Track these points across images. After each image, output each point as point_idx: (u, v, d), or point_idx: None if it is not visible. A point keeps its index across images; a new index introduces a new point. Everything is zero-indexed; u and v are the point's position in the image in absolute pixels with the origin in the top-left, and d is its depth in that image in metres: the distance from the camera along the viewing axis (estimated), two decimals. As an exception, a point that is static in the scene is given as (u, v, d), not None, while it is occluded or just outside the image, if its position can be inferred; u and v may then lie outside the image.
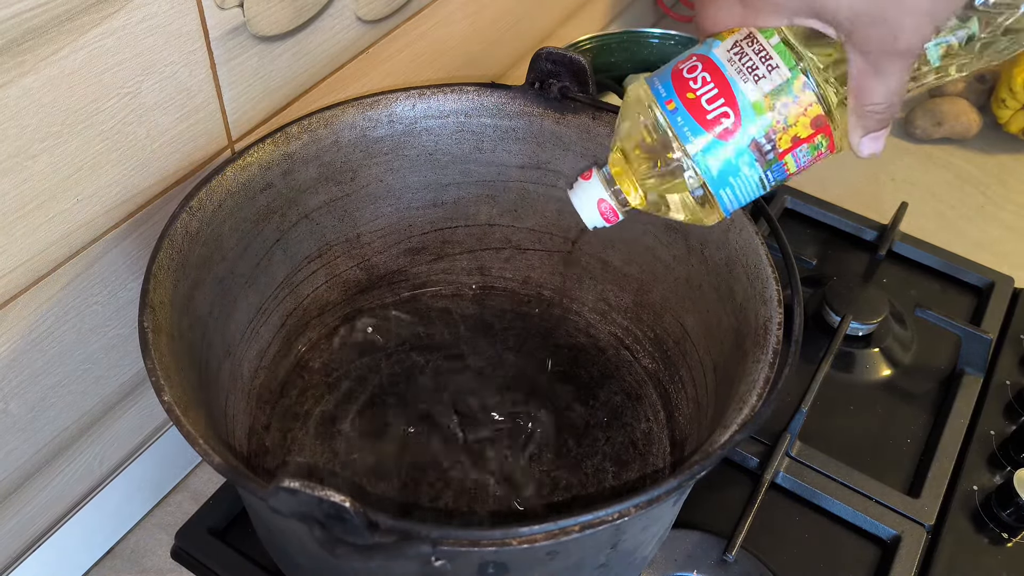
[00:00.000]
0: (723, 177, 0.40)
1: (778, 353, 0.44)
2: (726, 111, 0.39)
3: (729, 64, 0.39)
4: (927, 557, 0.57)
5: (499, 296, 0.66)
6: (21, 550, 0.52)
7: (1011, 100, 0.88)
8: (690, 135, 0.40)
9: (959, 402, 0.65)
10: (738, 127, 0.39)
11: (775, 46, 0.38)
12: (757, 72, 0.38)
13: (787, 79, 0.38)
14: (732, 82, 0.39)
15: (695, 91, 0.39)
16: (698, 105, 0.39)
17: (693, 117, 0.39)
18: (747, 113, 0.39)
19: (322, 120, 0.54)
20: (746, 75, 0.39)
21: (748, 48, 0.39)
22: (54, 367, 0.48)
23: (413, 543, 0.34)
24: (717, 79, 0.39)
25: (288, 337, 0.59)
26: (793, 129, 0.39)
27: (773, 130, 0.39)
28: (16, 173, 0.41)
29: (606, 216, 0.45)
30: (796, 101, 0.39)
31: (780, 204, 0.81)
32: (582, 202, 0.45)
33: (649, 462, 0.57)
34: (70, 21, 0.40)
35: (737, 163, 0.40)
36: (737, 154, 0.40)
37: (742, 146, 0.39)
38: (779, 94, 0.39)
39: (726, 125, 0.39)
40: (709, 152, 0.40)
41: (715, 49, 0.40)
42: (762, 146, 0.40)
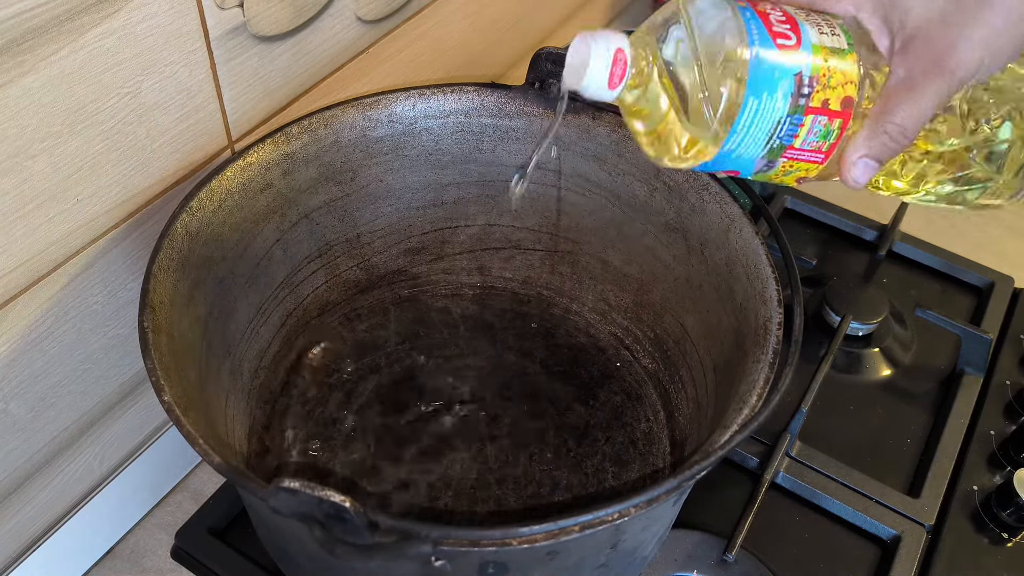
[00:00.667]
0: (759, 87, 0.39)
1: (778, 353, 0.44)
2: (790, 34, 0.39)
3: (798, 12, 0.40)
4: (927, 557, 0.57)
5: (499, 296, 0.66)
6: (21, 550, 0.52)
7: (1011, 100, 0.88)
8: (755, 30, 0.39)
9: (959, 402, 0.65)
10: (795, 50, 0.39)
11: (840, 25, 0.40)
12: (822, 28, 0.40)
13: (844, 47, 0.39)
14: (800, 23, 0.40)
15: (767, 15, 0.40)
16: (767, 19, 0.39)
17: (762, 21, 0.39)
18: (806, 46, 0.39)
19: (322, 120, 0.54)
20: (812, 25, 0.40)
21: (817, 15, 0.40)
22: (54, 367, 0.48)
23: (413, 543, 0.34)
24: (787, 17, 0.40)
25: (288, 337, 0.59)
26: (830, 92, 0.39)
27: (816, 77, 0.39)
28: (16, 173, 0.41)
29: (613, 75, 0.41)
30: (843, 69, 0.39)
31: (780, 204, 0.81)
32: (596, 49, 0.40)
33: (649, 462, 0.57)
34: (70, 21, 0.40)
35: (776, 83, 0.39)
36: (782, 72, 0.39)
37: (789, 70, 0.39)
38: (834, 54, 0.39)
39: (787, 44, 0.39)
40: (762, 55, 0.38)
41: (782, 3, 0.41)
42: (802, 85, 0.39)
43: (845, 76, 0.39)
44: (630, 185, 0.57)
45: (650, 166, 0.55)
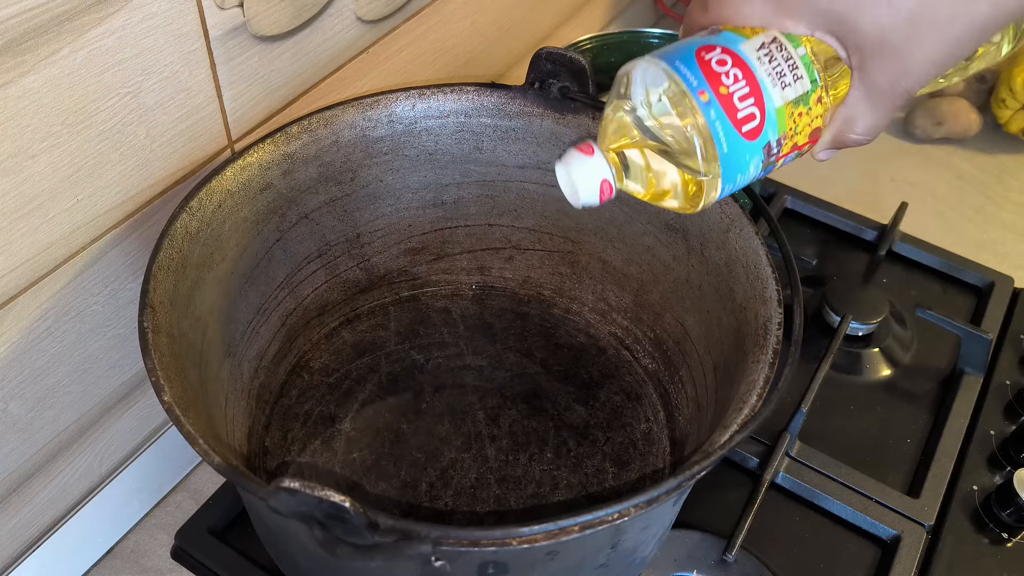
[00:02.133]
0: (733, 172, 0.40)
1: (778, 353, 0.44)
2: (754, 112, 0.39)
3: (759, 65, 0.39)
4: (927, 557, 0.57)
5: (499, 296, 0.66)
6: (21, 550, 0.52)
7: (1011, 100, 0.88)
8: (720, 130, 0.39)
9: (959, 402, 0.65)
10: (761, 129, 0.39)
11: (802, 57, 0.39)
12: (785, 79, 0.39)
13: (808, 91, 0.39)
14: (762, 84, 0.39)
15: (728, 87, 0.39)
16: (731, 102, 0.39)
17: (725, 113, 0.39)
18: (771, 117, 0.39)
19: (322, 120, 0.54)
20: (775, 79, 0.39)
21: (777, 53, 0.39)
22: (54, 367, 0.48)
23: (413, 543, 0.34)
24: (748, 78, 0.39)
25: (288, 337, 0.59)
26: (798, 137, 0.40)
27: (785, 135, 0.40)
28: (16, 173, 0.41)
29: (603, 195, 0.43)
30: (809, 112, 0.39)
31: (780, 204, 0.81)
32: (581, 178, 0.42)
33: (649, 462, 0.57)
34: (70, 21, 0.40)
35: (748, 162, 0.40)
36: (752, 154, 0.40)
37: (758, 148, 0.40)
38: (799, 103, 0.39)
39: (752, 125, 0.39)
40: (731, 149, 0.40)
41: (742, 46, 0.39)
42: (771, 149, 0.40)
43: (811, 117, 0.40)
44: (630, 185, 0.57)
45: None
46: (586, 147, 0.43)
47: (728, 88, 0.39)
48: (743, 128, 0.39)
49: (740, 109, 0.39)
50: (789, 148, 0.40)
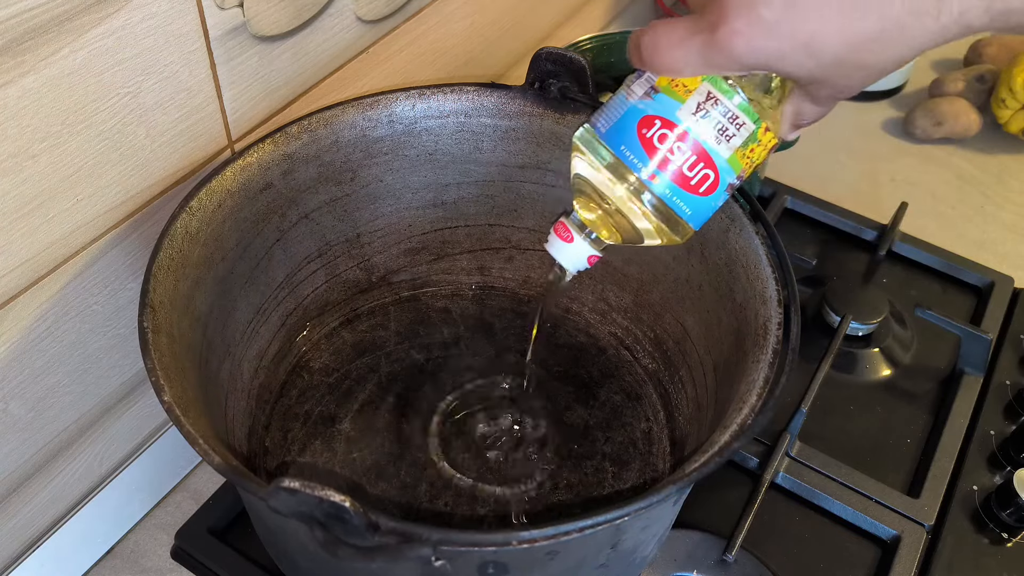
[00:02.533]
0: (703, 216, 0.43)
1: (778, 353, 0.44)
2: (707, 175, 0.41)
3: (700, 127, 0.40)
4: (927, 557, 0.57)
5: (499, 296, 0.66)
6: (21, 550, 0.52)
7: (1011, 100, 0.88)
8: (679, 201, 0.42)
9: (959, 402, 0.65)
10: (719, 182, 0.41)
11: (739, 105, 0.40)
12: (728, 132, 0.40)
13: (753, 131, 0.40)
14: (707, 147, 0.40)
15: (674, 161, 0.41)
16: (681, 174, 0.41)
17: (679, 186, 0.41)
18: (724, 168, 0.41)
19: (322, 120, 0.54)
20: (719, 137, 0.40)
21: (714, 110, 0.40)
22: (54, 367, 0.48)
23: (414, 545, 0.34)
24: (692, 145, 0.40)
25: (288, 337, 0.59)
26: (757, 161, 0.42)
27: (744, 170, 0.42)
28: (16, 173, 0.41)
29: (592, 262, 0.46)
30: (760, 143, 0.41)
31: (780, 204, 0.81)
32: (570, 259, 0.46)
33: (649, 462, 0.57)
34: (70, 21, 0.40)
35: (715, 204, 0.43)
36: (716, 199, 0.42)
37: (721, 193, 0.42)
38: (748, 144, 0.41)
39: (709, 183, 0.41)
40: (695, 209, 0.42)
41: (679, 112, 0.40)
42: (734, 184, 0.42)
43: (764, 145, 0.41)
44: (630, 185, 0.57)
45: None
46: (564, 231, 0.45)
47: (675, 163, 0.41)
48: (700, 189, 0.41)
49: (692, 177, 0.41)
50: (750, 171, 0.42)
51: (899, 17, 0.32)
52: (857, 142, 0.92)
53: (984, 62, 0.96)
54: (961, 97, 0.92)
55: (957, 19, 0.31)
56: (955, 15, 0.31)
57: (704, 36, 0.36)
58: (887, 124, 0.94)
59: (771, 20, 0.34)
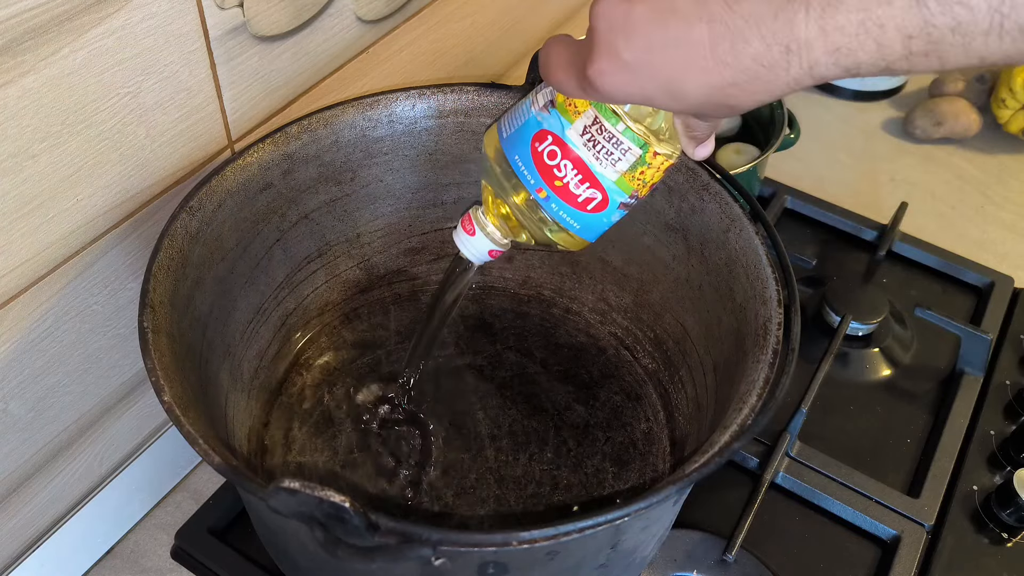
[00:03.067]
0: (597, 230, 0.44)
1: (778, 353, 0.44)
2: (594, 194, 0.42)
3: (586, 150, 0.41)
4: (927, 557, 0.57)
5: (499, 296, 0.66)
6: (21, 550, 0.52)
7: (1011, 100, 0.88)
8: (565, 216, 0.43)
9: (959, 402, 0.65)
10: (607, 201, 0.42)
11: (623, 132, 0.40)
12: (613, 156, 0.41)
13: (640, 156, 0.41)
14: (593, 169, 0.41)
15: (561, 178, 0.42)
16: (567, 191, 0.42)
17: (565, 202, 0.42)
18: (612, 190, 0.42)
19: (322, 120, 0.54)
20: (604, 160, 0.41)
21: (599, 135, 0.41)
22: (54, 367, 0.48)
23: (414, 546, 0.34)
24: (579, 165, 0.41)
25: (288, 337, 0.59)
26: (652, 180, 0.43)
27: (636, 191, 0.43)
28: (16, 173, 0.41)
29: (493, 254, 0.48)
30: (651, 166, 0.42)
31: (780, 204, 0.81)
32: (471, 251, 0.48)
33: (649, 462, 0.57)
34: (70, 21, 0.40)
35: (609, 220, 0.44)
36: (608, 215, 0.43)
37: (611, 211, 0.43)
38: (636, 167, 0.41)
39: (596, 203, 0.42)
40: (583, 222, 0.43)
41: (568, 132, 0.41)
42: (628, 203, 0.43)
43: (655, 167, 0.42)
44: (630, 185, 0.57)
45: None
46: (468, 223, 0.47)
47: (563, 180, 0.42)
48: (588, 207, 0.43)
49: (579, 194, 0.42)
50: (648, 189, 0.43)
51: (752, 69, 0.33)
52: (857, 142, 0.92)
53: (984, 62, 0.95)
54: (961, 97, 0.92)
55: (808, 71, 0.32)
56: (805, 68, 0.32)
57: (577, 68, 0.37)
58: (887, 124, 0.94)
59: (632, 62, 0.35)
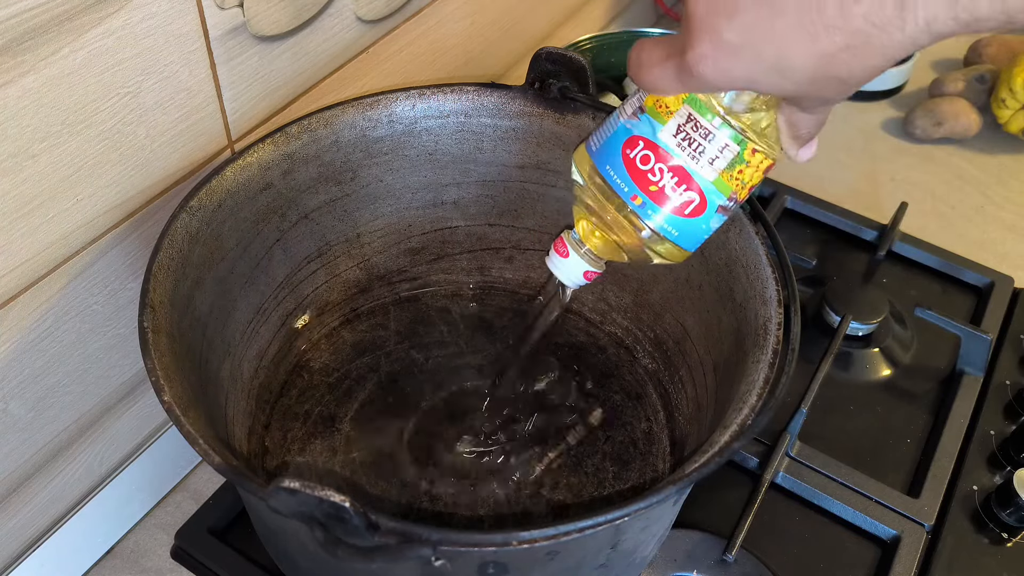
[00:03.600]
0: (695, 237, 0.43)
1: (778, 353, 0.44)
2: (691, 196, 0.41)
3: (680, 151, 0.40)
4: (927, 557, 0.57)
5: (499, 295, 0.66)
6: (21, 550, 0.52)
7: (1011, 100, 0.88)
8: (663, 222, 0.42)
9: (959, 402, 0.65)
10: (705, 204, 0.41)
11: (719, 127, 0.39)
12: (709, 154, 0.40)
13: (738, 152, 0.40)
14: (689, 170, 0.40)
15: (656, 183, 0.41)
16: (663, 195, 0.41)
17: (660, 207, 0.41)
18: (710, 191, 0.41)
19: (322, 120, 0.54)
20: (700, 159, 0.40)
21: (694, 133, 0.40)
22: (54, 367, 0.48)
23: (414, 546, 0.34)
24: (674, 168, 0.40)
25: (288, 337, 0.59)
26: (751, 182, 0.41)
27: (734, 192, 0.41)
28: (16, 173, 0.41)
29: (588, 277, 0.47)
30: (750, 165, 0.41)
31: (780, 204, 0.81)
32: (567, 274, 0.47)
33: (649, 462, 0.57)
34: (70, 21, 0.40)
35: (708, 225, 0.42)
36: (706, 220, 0.42)
37: (710, 214, 0.42)
38: (734, 165, 0.40)
39: (694, 206, 0.41)
40: (680, 227, 0.42)
41: (660, 134, 0.40)
42: (727, 206, 0.42)
43: (754, 166, 0.41)
44: (630, 185, 0.57)
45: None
46: (562, 246, 0.46)
47: (658, 184, 0.41)
48: (685, 212, 0.41)
49: (676, 198, 0.41)
50: (747, 192, 0.42)
51: (863, 31, 0.31)
52: (857, 142, 0.92)
53: (984, 62, 0.96)
54: (961, 97, 0.92)
55: (924, 29, 0.31)
56: (921, 25, 0.31)
57: (676, 60, 0.36)
58: (887, 124, 0.94)
59: (735, 43, 0.34)
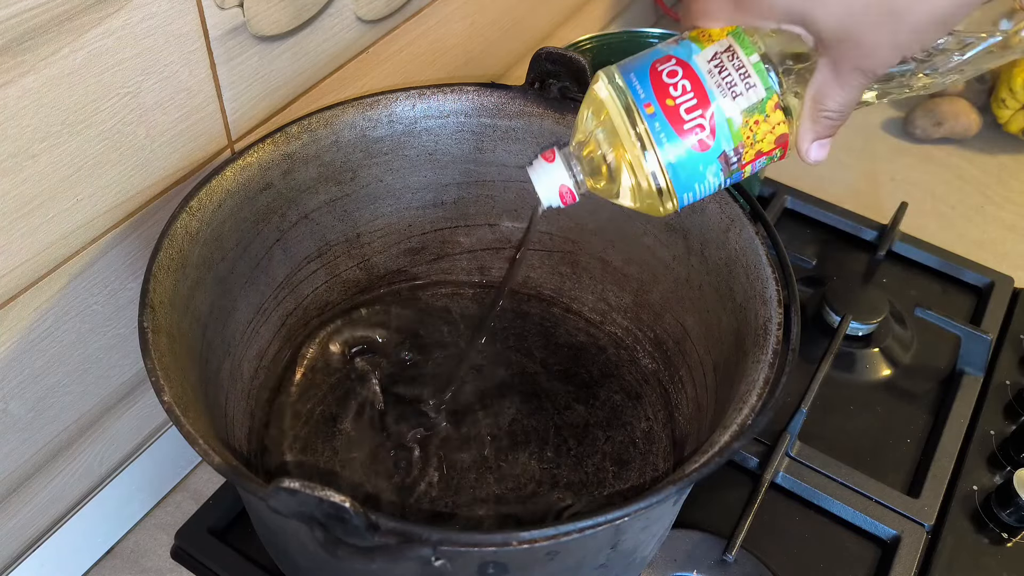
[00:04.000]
0: (688, 182, 0.41)
1: (778, 353, 0.44)
2: (702, 124, 0.40)
3: (709, 76, 0.39)
4: (927, 557, 0.57)
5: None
6: (21, 550, 0.52)
7: (1011, 100, 0.88)
8: (665, 141, 0.40)
9: (959, 402, 0.65)
10: (711, 141, 0.40)
11: (754, 64, 0.39)
12: (736, 89, 0.39)
13: (762, 99, 0.39)
14: (711, 95, 0.39)
15: (675, 98, 0.40)
16: (676, 113, 0.40)
17: (671, 124, 0.40)
18: (722, 128, 0.40)
19: (322, 120, 0.54)
20: (725, 90, 0.39)
21: (728, 63, 0.39)
22: (54, 367, 0.48)
23: (414, 546, 0.34)
24: (697, 89, 0.39)
25: (288, 337, 0.59)
26: (759, 144, 0.40)
27: (742, 145, 0.40)
28: (16, 173, 0.41)
29: (564, 198, 0.45)
30: (767, 120, 0.40)
31: (780, 204, 0.81)
32: (542, 182, 0.45)
33: (649, 462, 0.57)
34: (70, 21, 0.40)
35: (704, 172, 0.41)
36: (705, 164, 0.41)
37: (712, 158, 0.41)
38: (753, 112, 0.40)
39: (701, 137, 0.40)
40: (680, 160, 0.41)
41: (695, 56, 0.40)
42: (729, 158, 0.41)
43: (771, 124, 0.40)
44: (630, 185, 0.57)
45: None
46: (549, 154, 0.45)
47: (675, 100, 0.40)
48: (690, 138, 0.40)
49: (687, 120, 0.40)
50: (752, 156, 0.41)
51: None
52: (857, 142, 0.92)
53: (984, 62, 0.95)
54: (961, 97, 0.92)
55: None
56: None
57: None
58: (887, 124, 0.94)
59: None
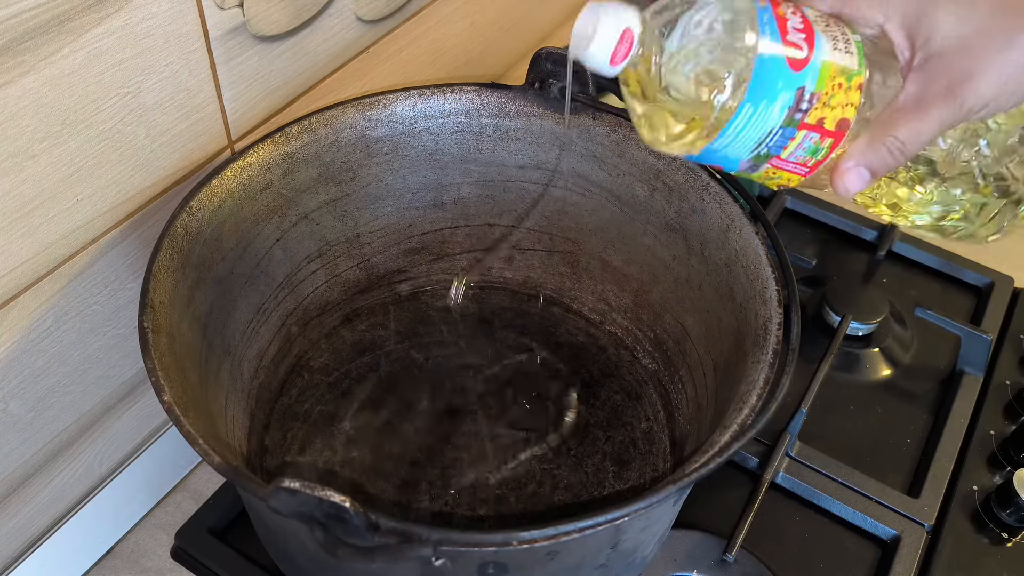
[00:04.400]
0: (760, 91, 0.38)
1: (778, 353, 0.44)
2: (802, 46, 0.38)
3: (816, 24, 0.39)
4: (927, 557, 0.57)
5: (499, 295, 0.66)
6: (21, 550, 0.52)
7: (1011, 100, 0.87)
8: (768, 33, 0.38)
9: (959, 402, 0.65)
10: (803, 65, 0.38)
11: (856, 41, 0.39)
12: (838, 44, 0.39)
13: (855, 68, 0.38)
14: (817, 35, 0.39)
15: (786, 18, 0.39)
16: (784, 25, 0.38)
17: (777, 27, 0.38)
18: (815, 62, 0.38)
19: (322, 120, 0.54)
20: (829, 39, 0.39)
21: (835, 27, 0.39)
22: (54, 367, 0.48)
23: (414, 546, 0.34)
24: (806, 25, 0.39)
25: (288, 337, 0.59)
26: (828, 110, 0.39)
27: (818, 95, 0.38)
28: (16, 173, 0.41)
29: (616, 53, 0.39)
30: (845, 90, 0.38)
31: (780, 204, 0.81)
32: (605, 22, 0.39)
33: (649, 461, 0.57)
34: (70, 21, 0.40)
35: (777, 94, 0.38)
36: (785, 86, 0.38)
37: (792, 84, 0.38)
38: (841, 73, 0.38)
39: (795, 55, 0.38)
40: (771, 60, 0.38)
41: (808, 11, 0.40)
42: (801, 100, 0.38)
43: (847, 98, 0.39)
44: (630, 185, 0.57)
45: (650, 166, 0.55)
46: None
47: (786, 18, 0.38)
48: (788, 49, 0.38)
49: (790, 32, 0.38)
50: (815, 121, 0.39)
51: None
52: (857, 142, 0.92)
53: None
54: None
55: None
56: None
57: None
58: (887, 124, 0.94)
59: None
